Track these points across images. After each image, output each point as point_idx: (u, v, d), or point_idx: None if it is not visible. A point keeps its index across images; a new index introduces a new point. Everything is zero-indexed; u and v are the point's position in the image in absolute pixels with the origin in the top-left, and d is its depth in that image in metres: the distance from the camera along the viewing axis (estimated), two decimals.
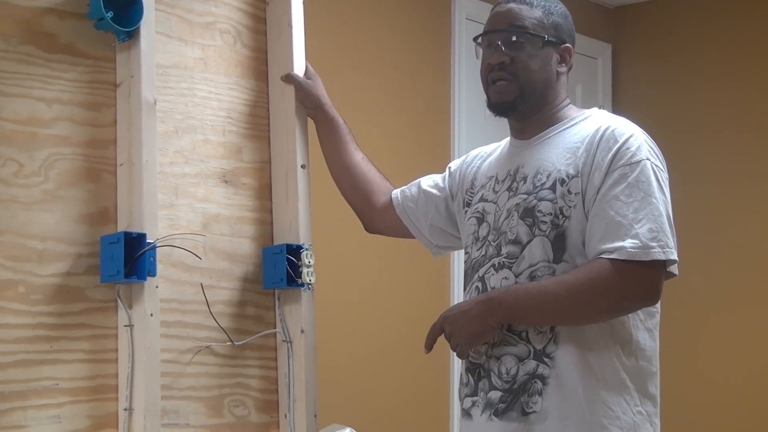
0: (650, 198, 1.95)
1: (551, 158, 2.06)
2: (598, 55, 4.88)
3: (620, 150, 1.98)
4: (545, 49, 2.09)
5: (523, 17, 2.08)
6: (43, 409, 1.86)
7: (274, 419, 2.21)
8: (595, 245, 1.96)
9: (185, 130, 2.13)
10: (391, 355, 3.77)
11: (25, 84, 1.90)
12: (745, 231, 4.44)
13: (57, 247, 1.91)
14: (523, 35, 2.07)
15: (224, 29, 2.24)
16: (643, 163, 1.97)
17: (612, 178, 1.97)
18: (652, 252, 1.92)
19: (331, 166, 2.41)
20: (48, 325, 1.88)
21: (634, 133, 2.01)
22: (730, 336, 4.43)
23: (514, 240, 2.04)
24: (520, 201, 2.05)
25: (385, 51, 3.90)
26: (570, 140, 2.07)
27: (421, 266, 3.85)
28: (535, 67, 2.08)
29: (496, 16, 2.13)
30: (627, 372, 1.98)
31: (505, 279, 2.04)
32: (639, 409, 1.99)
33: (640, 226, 1.93)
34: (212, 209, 2.16)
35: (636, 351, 2.00)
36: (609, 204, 1.95)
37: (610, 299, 1.96)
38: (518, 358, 2.00)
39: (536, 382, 1.97)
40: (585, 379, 1.96)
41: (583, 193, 1.99)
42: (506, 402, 2.00)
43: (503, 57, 2.08)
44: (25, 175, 1.89)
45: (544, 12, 2.10)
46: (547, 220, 2.00)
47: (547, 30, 2.09)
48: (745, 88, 4.50)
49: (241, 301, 2.18)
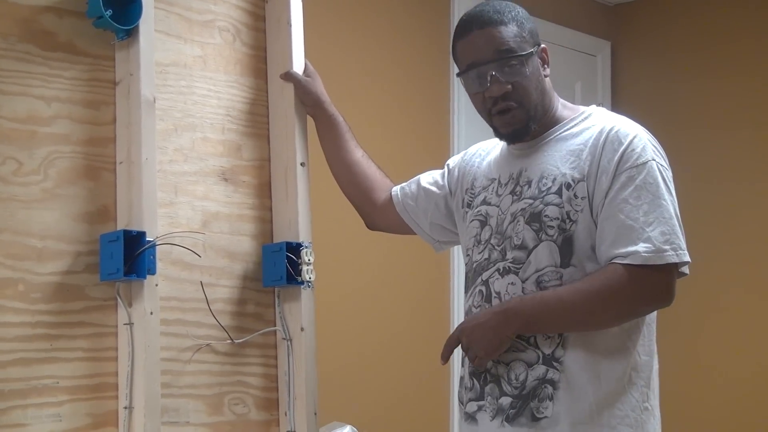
0: (659, 200, 1.95)
1: (555, 162, 2.05)
2: (598, 53, 4.87)
3: (626, 152, 1.97)
4: (533, 62, 2.06)
5: (506, 40, 2.02)
6: (43, 407, 1.86)
7: (274, 417, 2.21)
8: (607, 250, 1.95)
9: (185, 128, 2.13)
10: (392, 353, 3.77)
11: (24, 82, 1.90)
12: (745, 227, 4.43)
13: (56, 246, 1.91)
14: (516, 58, 2.02)
15: (223, 27, 2.24)
16: (650, 164, 1.97)
17: (620, 181, 1.96)
18: (666, 255, 1.92)
19: (331, 164, 2.41)
20: (48, 324, 1.88)
21: (638, 134, 2.01)
22: (730, 331, 4.43)
23: (520, 245, 2.03)
24: (525, 206, 2.04)
25: (385, 48, 3.90)
26: (572, 142, 2.05)
27: (421, 264, 3.85)
28: (533, 86, 2.05)
29: (475, 43, 2.05)
30: (633, 368, 1.99)
31: (511, 284, 2.03)
32: (646, 405, 1.99)
33: (651, 229, 1.92)
34: (212, 207, 2.16)
35: (640, 346, 2.01)
36: (619, 208, 1.95)
37: (626, 305, 1.96)
38: (527, 363, 2.00)
39: (546, 387, 1.97)
40: (595, 381, 1.96)
41: (590, 197, 1.98)
42: (516, 408, 1.99)
43: (505, 87, 2.03)
44: (24, 174, 1.89)
45: (517, 24, 2.05)
46: (554, 224, 1.99)
47: (527, 41, 2.05)
48: (745, 84, 4.49)
49: (240, 299, 2.18)
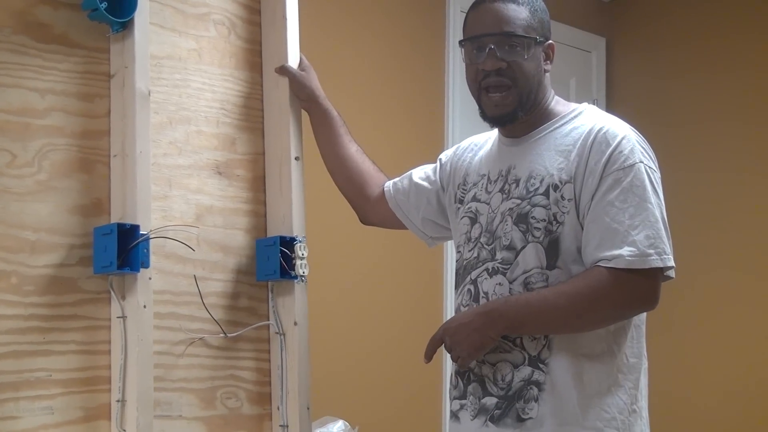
0: (645, 203, 1.94)
1: (543, 161, 2.04)
2: (593, 49, 4.88)
3: (613, 154, 1.96)
4: (536, 50, 2.05)
5: (514, 19, 2.03)
6: (36, 400, 1.85)
7: (267, 411, 2.21)
8: (592, 252, 1.95)
9: (179, 122, 2.13)
10: (384, 348, 3.77)
11: (18, 74, 1.90)
12: (738, 223, 4.44)
13: (50, 238, 1.91)
14: (518, 38, 2.02)
15: (218, 20, 2.24)
16: (637, 167, 1.95)
17: (606, 183, 1.95)
18: (650, 260, 1.91)
19: (325, 159, 2.41)
20: (40, 316, 1.88)
21: (626, 135, 1.99)
22: (719, 331, 4.43)
23: (508, 246, 2.02)
24: (513, 206, 2.04)
25: (380, 42, 3.90)
26: (561, 142, 2.04)
27: (414, 259, 3.86)
28: (529, 72, 2.04)
29: (483, 16, 2.06)
30: (620, 370, 1.99)
31: (498, 285, 2.03)
32: (634, 407, 1.99)
33: (636, 233, 1.91)
34: (206, 201, 2.16)
35: (628, 348, 2.01)
36: (604, 210, 1.94)
37: (609, 307, 1.95)
38: (513, 364, 1.99)
39: (532, 389, 1.97)
40: (580, 384, 1.95)
41: (577, 199, 1.98)
42: (501, 408, 1.99)
43: (500, 63, 2.03)
44: (18, 166, 1.88)
45: (530, 10, 2.05)
46: (541, 226, 1.99)
47: (536, 30, 2.05)
48: (740, 81, 4.50)
49: (234, 293, 2.18)
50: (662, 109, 4.69)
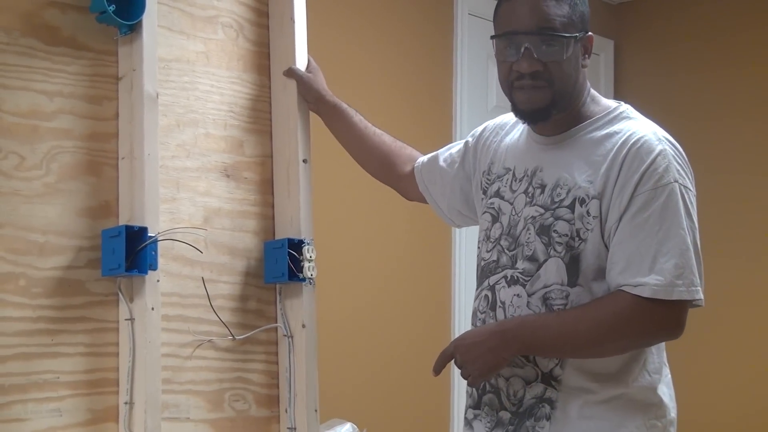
0: (677, 228, 1.82)
1: (572, 170, 1.92)
2: (601, 51, 4.87)
3: (647, 171, 1.84)
4: (575, 48, 1.89)
5: (554, 15, 1.86)
6: (44, 402, 1.85)
7: (275, 414, 2.21)
8: (616, 277, 1.85)
9: (187, 124, 2.13)
10: (393, 350, 3.77)
11: (26, 77, 1.90)
12: (751, 221, 4.42)
13: (58, 241, 1.91)
14: (557, 39, 1.86)
15: (226, 23, 2.24)
16: (671, 187, 1.83)
17: (637, 203, 1.84)
18: (677, 291, 1.81)
19: (349, 150, 2.39)
20: (49, 319, 1.88)
21: (662, 151, 1.86)
22: (731, 335, 4.42)
23: (531, 256, 1.93)
24: (537, 214, 1.94)
25: (388, 41, 3.90)
26: (593, 151, 1.92)
27: (423, 262, 3.85)
28: (567, 72, 1.89)
29: (519, 9, 1.88)
30: (637, 388, 1.90)
31: (517, 296, 1.94)
32: (652, 423, 1.90)
33: (665, 260, 1.81)
34: (214, 203, 2.16)
35: (645, 364, 1.92)
36: (632, 233, 1.83)
37: (631, 336, 1.86)
38: (525, 380, 1.93)
39: (544, 406, 1.90)
40: (594, 403, 1.88)
41: (603, 217, 1.87)
42: (514, 425, 1.94)
43: (536, 65, 1.87)
44: (26, 168, 1.88)
45: (571, 3, 1.88)
46: (563, 241, 1.89)
47: (575, 26, 1.88)
48: (749, 81, 4.49)
49: (242, 295, 2.18)
50: (671, 112, 4.67)
